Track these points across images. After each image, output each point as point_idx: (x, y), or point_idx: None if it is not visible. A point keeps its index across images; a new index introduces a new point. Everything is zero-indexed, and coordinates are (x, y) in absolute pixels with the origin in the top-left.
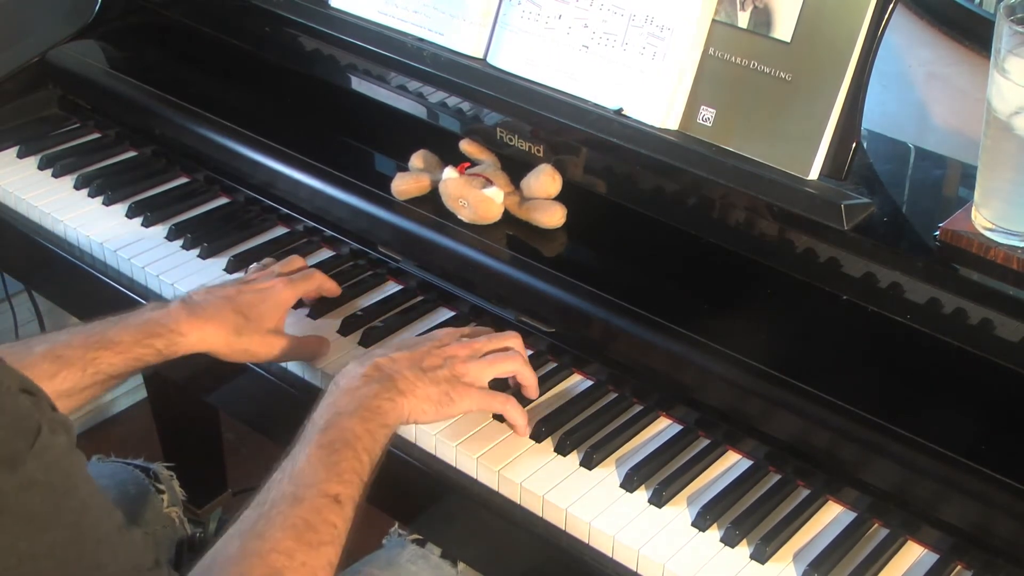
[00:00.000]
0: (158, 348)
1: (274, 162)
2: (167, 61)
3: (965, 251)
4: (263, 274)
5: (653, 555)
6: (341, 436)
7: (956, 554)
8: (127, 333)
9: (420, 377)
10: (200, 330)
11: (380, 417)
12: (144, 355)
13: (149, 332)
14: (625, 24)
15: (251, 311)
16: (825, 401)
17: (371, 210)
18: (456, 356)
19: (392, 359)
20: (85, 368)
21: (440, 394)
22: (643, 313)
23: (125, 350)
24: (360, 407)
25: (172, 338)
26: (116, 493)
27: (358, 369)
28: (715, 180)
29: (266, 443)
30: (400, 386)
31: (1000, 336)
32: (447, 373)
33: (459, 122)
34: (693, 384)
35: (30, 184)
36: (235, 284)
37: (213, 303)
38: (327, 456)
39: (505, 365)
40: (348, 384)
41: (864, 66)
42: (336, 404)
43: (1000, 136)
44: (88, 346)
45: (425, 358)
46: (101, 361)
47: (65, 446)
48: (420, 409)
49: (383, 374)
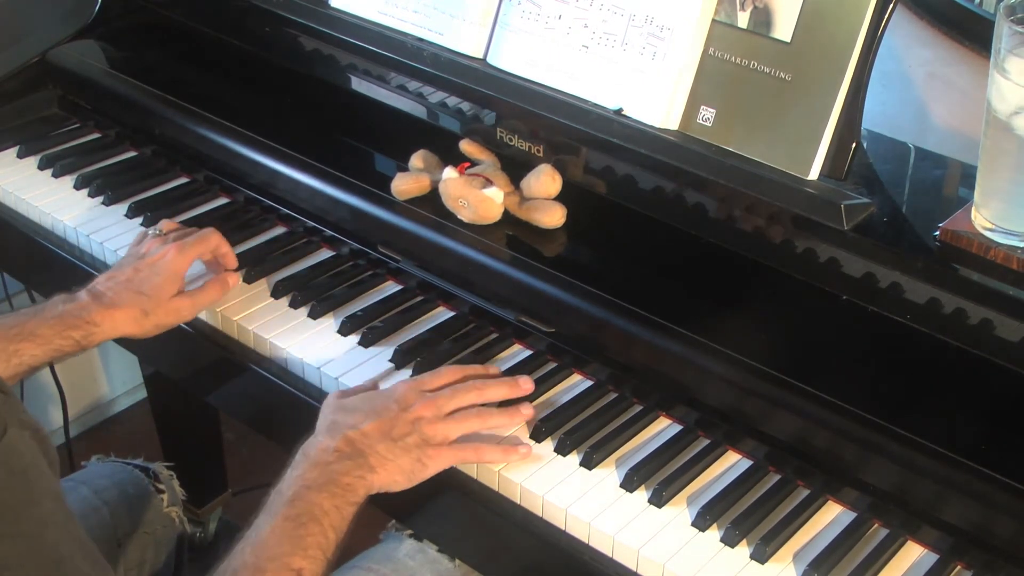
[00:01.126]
0: (76, 339)
1: (274, 162)
2: (167, 61)
3: (965, 251)
4: (155, 243)
5: (653, 555)
6: (308, 510)
7: (956, 554)
8: (46, 326)
9: (391, 449)
10: (111, 319)
11: (350, 494)
12: (64, 346)
13: (67, 324)
14: (625, 24)
15: (148, 287)
16: (825, 401)
17: (371, 210)
18: (423, 418)
19: (363, 432)
20: (9, 359)
21: (412, 462)
22: (643, 313)
23: (46, 342)
24: (330, 482)
25: (88, 329)
26: (116, 493)
27: (329, 442)
28: (715, 180)
29: (266, 443)
30: (372, 462)
31: (1000, 336)
32: (416, 439)
33: (459, 122)
34: (693, 384)
35: (30, 184)
36: (131, 261)
37: (115, 289)
38: (293, 529)
39: (471, 423)
40: (318, 457)
41: (864, 66)
42: (304, 477)
43: (1000, 136)
44: (9, 339)
45: (395, 427)
46: (24, 353)
47: (33, 451)
48: (392, 480)
49: (355, 449)
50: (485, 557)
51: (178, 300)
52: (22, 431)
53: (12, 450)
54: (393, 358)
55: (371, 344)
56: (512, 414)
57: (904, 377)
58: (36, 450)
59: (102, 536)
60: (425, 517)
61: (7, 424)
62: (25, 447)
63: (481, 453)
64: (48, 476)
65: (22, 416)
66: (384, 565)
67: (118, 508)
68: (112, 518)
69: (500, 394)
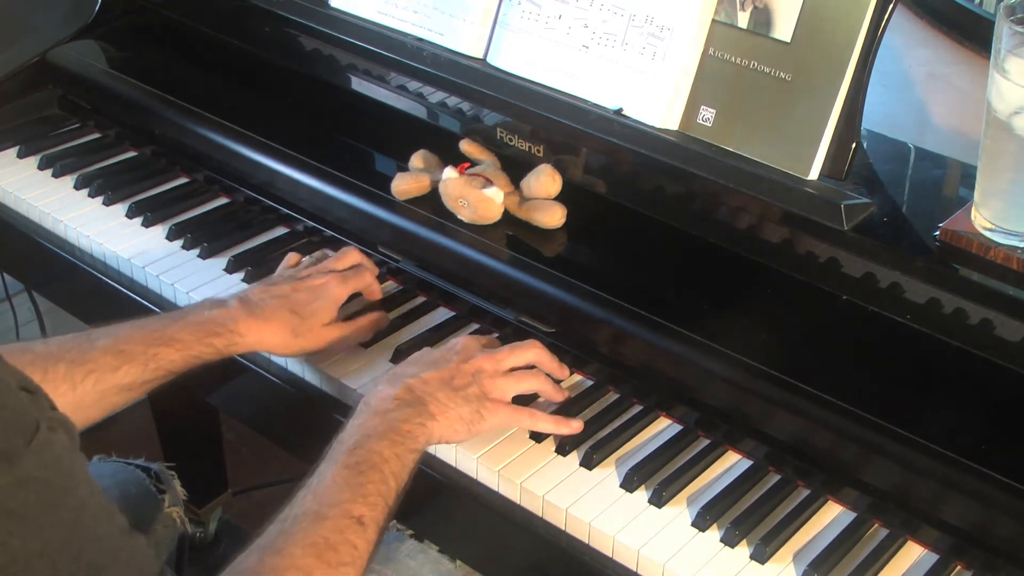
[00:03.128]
0: (217, 347)
1: (274, 162)
2: (167, 61)
3: (965, 251)
4: (315, 270)
5: (653, 555)
6: (369, 458)
7: (956, 554)
8: (188, 331)
9: (451, 397)
10: (259, 331)
11: (410, 441)
12: (204, 353)
13: (209, 331)
14: (625, 24)
15: (305, 309)
16: (825, 401)
17: (371, 210)
18: (483, 371)
19: (423, 380)
20: (147, 364)
21: (471, 412)
22: (643, 313)
23: (185, 348)
24: (390, 430)
25: (232, 338)
26: (117, 493)
27: (389, 391)
28: (715, 180)
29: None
30: (431, 409)
31: (1000, 336)
32: (476, 390)
33: (459, 122)
34: (693, 384)
35: (30, 184)
36: (289, 281)
37: (271, 304)
38: (353, 477)
39: (529, 383)
40: (379, 406)
41: (864, 66)
42: (365, 425)
43: (1000, 136)
44: (149, 342)
45: (455, 376)
46: (162, 358)
47: (65, 445)
48: (452, 429)
49: (415, 396)
50: (486, 557)
51: (330, 329)
52: (52, 425)
53: (47, 445)
54: (393, 358)
55: (371, 344)
56: (559, 390)
57: (904, 377)
58: (66, 441)
59: None
60: (426, 517)
61: (39, 420)
62: (57, 439)
63: (536, 419)
64: (80, 461)
65: (51, 414)
66: (385, 565)
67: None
68: None
69: (553, 365)
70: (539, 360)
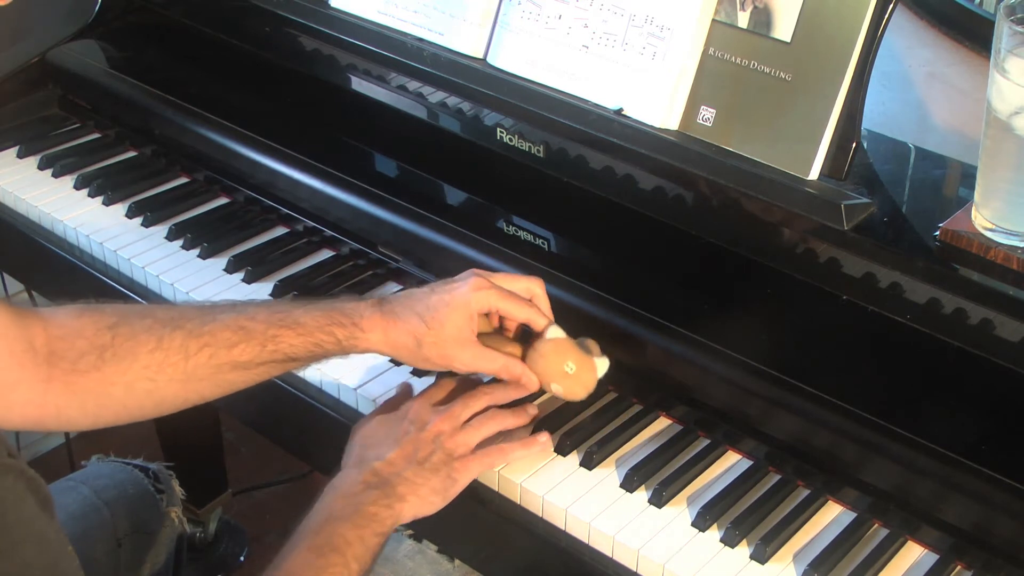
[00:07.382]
0: (338, 337)
1: (274, 162)
2: (167, 61)
3: (965, 251)
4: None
5: (653, 555)
6: (331, 542)
7: (956, 554)
8: (311, 317)
9: (419, 473)
10: (383, 331)
11: (375, 524)
12: (324, 342)
13: (333, 319)
14: (625, 24)
15: (432, 317)
16: (825, 401)
17: (371, 210)
18: (442, 432)
19: (389, 461)
20: (265, 344)
21: (442, 480)
22: (643, 313)
23: (307, 333)
24: (355, 512)
25: (353, 331)
26: (116, 493)
27: (356, 475)
28: (715, 180)
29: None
30: (400, 491)
31: (1000, 336)
32: (441, 456)
33: (459, 122)
34: (693, 384)
35: (30, 184)
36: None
37: (403, 303)
38: (314, 559)
39: (489, 427)
40: (345, 489)
41: (864, 66)
42: (330, 507)
43: (1000, 136)
44: (271, 323)
45: (418, 449)
46: (281, 340)
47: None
48: (428, 503)
49: (381, 479)
50: (485, 557)
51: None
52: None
53: None
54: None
55: None
56: (520, 414)
57: (904, 377)
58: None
59: (102, 536)
60: (425, 518)
61: None
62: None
63: (505, 453)
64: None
65: (5, 460)
66: (384, 566)
67: (118, 508)
68: (112, 518)
69: (508, 395)
70: (493, 401)
